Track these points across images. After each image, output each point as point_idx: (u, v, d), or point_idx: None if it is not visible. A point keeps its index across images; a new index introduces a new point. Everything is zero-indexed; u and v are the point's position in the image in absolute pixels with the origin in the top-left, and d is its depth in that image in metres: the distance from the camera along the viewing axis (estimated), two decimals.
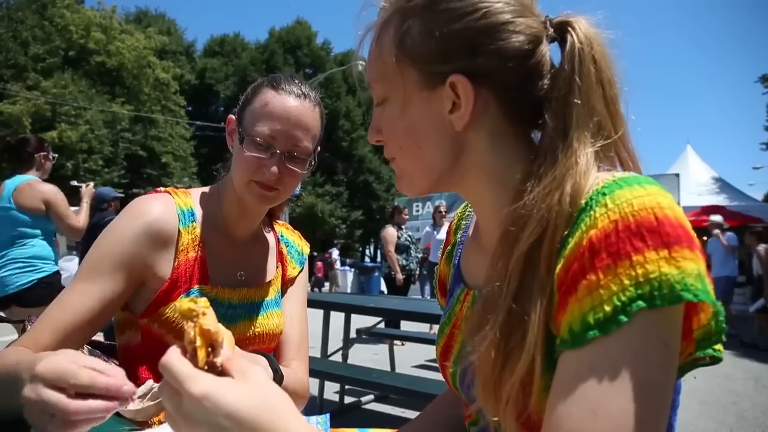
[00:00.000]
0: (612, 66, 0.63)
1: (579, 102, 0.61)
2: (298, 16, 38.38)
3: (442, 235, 7.45)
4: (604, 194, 0.53)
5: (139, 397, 0.80)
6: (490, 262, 0.62)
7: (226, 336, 0.52)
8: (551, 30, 0.66)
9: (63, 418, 0.63)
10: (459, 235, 0.92)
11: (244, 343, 1.09)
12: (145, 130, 25.16)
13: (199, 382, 0.47)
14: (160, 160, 25.61)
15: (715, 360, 0.55)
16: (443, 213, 7.65)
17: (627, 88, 0.65)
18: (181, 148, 27.34)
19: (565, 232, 0.55)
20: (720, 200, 13.11)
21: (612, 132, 0.62)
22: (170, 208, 1.06)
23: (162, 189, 1.12)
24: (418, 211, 16.25)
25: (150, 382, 0.84)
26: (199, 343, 0.50)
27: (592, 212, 0.53)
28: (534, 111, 0.66)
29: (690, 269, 0.48)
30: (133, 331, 1.05)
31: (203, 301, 0.53)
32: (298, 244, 1.32)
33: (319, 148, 1.14)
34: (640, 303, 0.47)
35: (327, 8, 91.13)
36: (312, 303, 3.14)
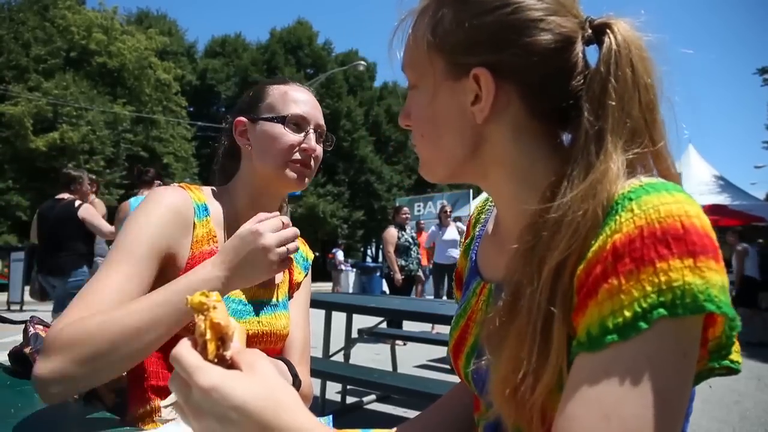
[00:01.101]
0: (651, 71, 0.62)
1: (614, 105, 0.59)
2: (299, 17, 38.45)
3: (447, 235, 7.47)
4: (630, 199, 0.53)
5: (169, 405, 0.81)
6: (511, 261, 0.62)
7: (237, 330, 0.53)
8: (589, 31, 0.65)
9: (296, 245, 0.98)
10: (477, 229, 0.92)
11: (251, 340, 1.09)
12: (147, 131, 25.19)
13: (207, 374, 0.48)
14: (162, 160, 25.62)
15: (732, 371, 0.55)
16: (448, 213, 7.67)
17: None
18: (183, 148, 27.36)
19: (592, 240, 0.54)
20: (722, 199, 13.08)
21: (648, 140, 0.60)
22: (187, 200, 1.08)
23: (176, 184, 1.13)
24: (419, 210, 16.24)
25: None
26: (209, 336, 0.51)
27: (617, 216, 0.52)
28: (563, 111, 0.65)
29: (714, 280, 0.47)
30: None
31: (215, 295, 0.54)
32: (303, 250, 1.34)
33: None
34: (661, 311, 0.46)
35: (328, 8, 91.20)
36: (313, 303, 3.14)
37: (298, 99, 1.15)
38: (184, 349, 0.51)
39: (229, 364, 0.51)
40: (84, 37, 23.62)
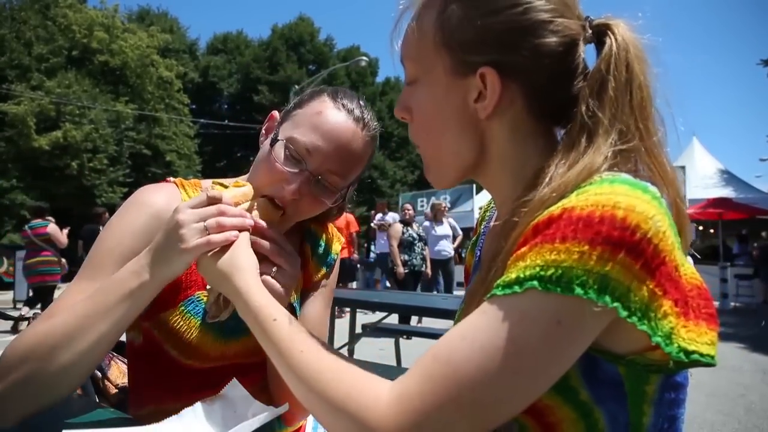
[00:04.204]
0: (646, 71, 0.64)
1: (610, 103, 0.62)
2: (301, 13, 38.28)
3: (440, 231, 7.56)
4: (577, 191, 0.56)
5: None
6: (491, 244, 0.67)
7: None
8: (590, 32, 0.67)
9: (218, 222, 0.79)
10: (483, 227, 0.95)
11: (255, 350, 0.99)
12: (149, 129, 25.19)
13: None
14: (165, 158, 25.65)
15: (707, 365, 0.57)
16: (442, 209, 7.78)
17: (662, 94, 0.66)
18: (185, 146, 27.35)
19: None
20: (727, 192, 13.03)
21: (637, 139, 0.62)
22: (174, 202, 0.97)
23: (171, 179, 1.04)
24: (422, 206, 16.23)
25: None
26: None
27: (560, 202, 0.56)
28: (561, 109, 0.67)
29: (596, 269, 0.50)
30: (136, 332, 1.01)
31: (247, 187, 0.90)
32: (327, 241, 1.17)
33: (354, 185, 1.04)
34: (534, 283, 0.51)
35: (329, 4, 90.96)
36: None
37: (322, 125, 0.92)
38: None
39: None
40: (86, 35, 23.59)
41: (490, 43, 0.65)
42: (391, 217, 8.29)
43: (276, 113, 1.03)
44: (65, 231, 7.36)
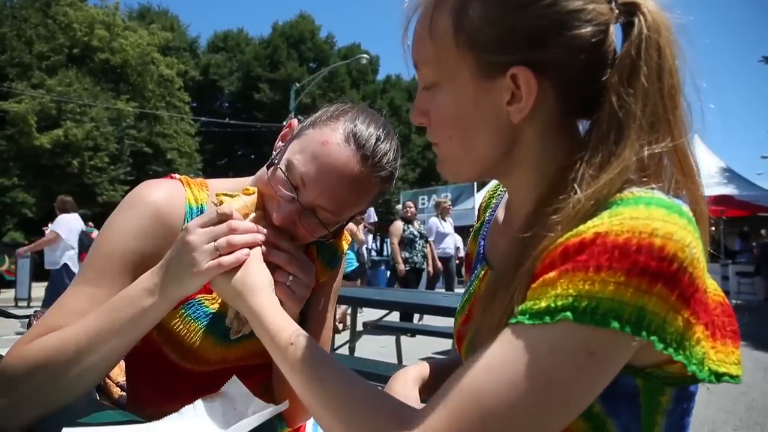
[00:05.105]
0: (677, 55, 0.59)
1: (640, 95, 0.57)
2: (301, 10, 38.21)
3: (446, 228, 7.58)
4: (609, 208, 0.53)
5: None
6: (510, 244, 0.63)
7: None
8: (617, 11, 0.61)
9: (229, 241, 0.79)
10: (488, 214, 0.92)
11: (253, 359, 1.02)
12: (150, 127, 25.17)
13: None
14: (166, 156, 25.64)
15: (734, 383, 0.56)
16: (447, 207, 7.82)
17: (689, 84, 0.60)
18: (186, 144, 27.33)
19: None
20: (729, 190, 13.00)
21: (667, 136, 0.57)
22: (176, 200, 0.95)
23: (177, 176, 1.01)
24: (423, 204, 16.23)
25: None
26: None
27: (590, 222, 0.52)
28: (587, 101, 0.62)
29: (633, 302, 0.48)
30: None
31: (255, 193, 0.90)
32: (334, 241, 1.11)
33: (354, 216, 1.01)
34: (567, 314, 0.48)
35: (330, 2, 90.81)
36: None
37: (323, 158, 0.86)
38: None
39: None
40: (86, 33, 23.55)
41: (519, 42, 0.59)
42: (367, 212, 8.24)
43: (295, 122, 0.98)
44: None
